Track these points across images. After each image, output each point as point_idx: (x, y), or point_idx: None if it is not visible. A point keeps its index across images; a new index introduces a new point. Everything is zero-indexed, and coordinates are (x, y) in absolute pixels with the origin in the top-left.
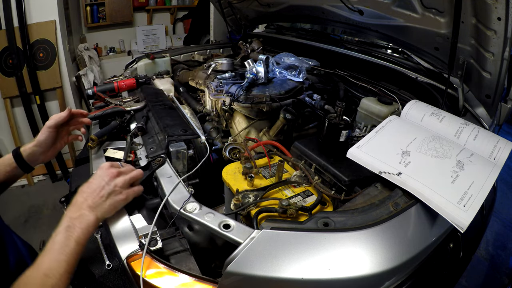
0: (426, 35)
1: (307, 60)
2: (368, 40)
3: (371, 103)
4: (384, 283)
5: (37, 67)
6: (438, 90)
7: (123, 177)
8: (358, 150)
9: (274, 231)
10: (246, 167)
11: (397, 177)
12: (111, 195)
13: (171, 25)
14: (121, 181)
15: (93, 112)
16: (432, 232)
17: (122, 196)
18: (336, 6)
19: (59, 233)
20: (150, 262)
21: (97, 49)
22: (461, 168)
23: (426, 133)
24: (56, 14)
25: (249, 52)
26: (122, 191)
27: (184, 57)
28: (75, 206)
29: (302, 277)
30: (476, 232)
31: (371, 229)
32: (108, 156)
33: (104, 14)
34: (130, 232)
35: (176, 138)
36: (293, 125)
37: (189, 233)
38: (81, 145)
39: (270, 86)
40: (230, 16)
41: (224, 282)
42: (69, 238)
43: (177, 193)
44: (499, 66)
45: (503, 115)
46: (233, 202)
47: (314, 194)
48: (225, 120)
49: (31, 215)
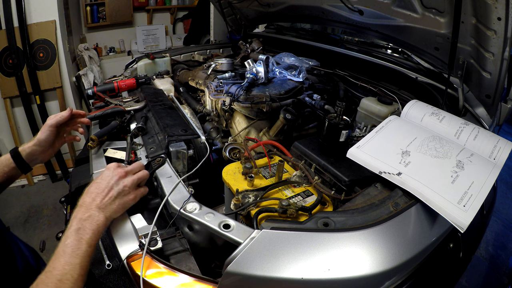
0: (426, 35)
1: (307, 60)
2: (368, 40)
3: (371, 103)
4: (384, 283)
5: (37, 67)
6: (438, 90)
7: (131, 177)
8: (358, 150)
9: (274, 231)
10: (246, 167)
11: (397, 177)
12: (120, 195)
13: (171, 25)
14: (130, 181)
15: (93, 112)
16: (432, 232)
17: (131, 196)
18: (336, 6)
19: (69, 236)
20: (150, 262)
21: (97, 49)
22: (461, 168)
23: (426, 133)
24: (56, 14)
25: (249, 52)
26: (130, 191)
27: (184, 57)
28: (83, 207)
29: (302, 277)
30: (476, 232)
31: (371, 229)
32: (108, 156)
33: (104, 14)
34: (130, 232)
35: (176, 138)
36: (293, 125)
37: (189, 233)
38: (81, 145)
39: (270, 86)
40: (230, 16)
41: (224, 282)
42: (81, 241)
43: (177, 193)
44: (499, 66)
45: (503, 115)
46: (233, 202)
47: (314, 194)
48: (225, 120)
49: (31, 215)
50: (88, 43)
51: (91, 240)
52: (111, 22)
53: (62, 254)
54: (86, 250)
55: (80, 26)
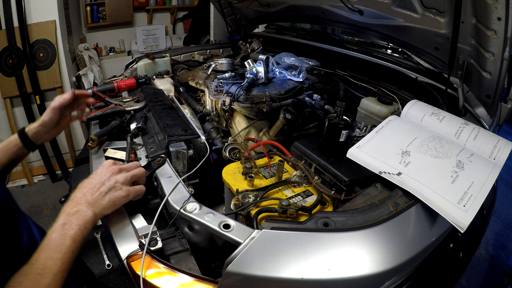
0: (426, 35)
1: (307, 60)
2: (368, 40)
3: (371, 103)
4: (384, 283)
5: (37, 67)
6: (438, 90)
7: (125, 174)
8: (358, 150)
9: (274, 231)
10: (246, 167)
11: (397, 177)
12: (110, 191)
13: (171, 25)
14: (122, 177)
15: (93, 112)
16: (432, 232)
17: (123, 193)
18: (336, 6)
19: (55, 230)
20: (150, 262)
21: (97, 49)
22: (461, 168)
23: (426, 133)
24: (56, 14)
25: (249, 52)
26: (122, 187)
27: (184, 57)
28: (73, 201)
29: (302, 277)
30: (476, 232)
31: (371, 229)
32: (108, 156)
33: (104, 14)
34: (130, 232)
35: (176, 138)
36: (293, 125)
37: (189, 233)
38: (81, 145)
39: (270, 86)
40: (230, 16)
41: (224, 282)
42: (65, 236)
43: (177, 193)
44: (499, 66)
45: (503, 115)
46: (233, 202)
47: (314, 194)
48: (225, 120)
49: (31, 215)
50: (88, 43)
51: (76, 235)
52: (111, 22)
53: (45, 248)
54: (69, 246)
55: (80, 26)
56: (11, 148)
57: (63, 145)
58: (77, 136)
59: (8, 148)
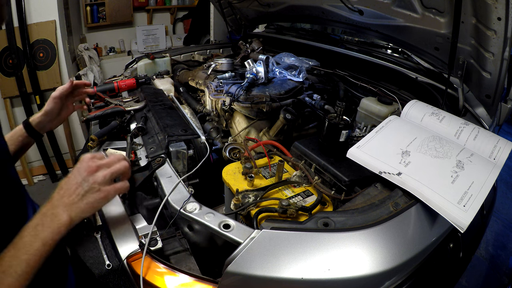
0: (426, 35)
1: (307, 60)
2: (368, 40)
3: (371, 103)
4: (384, 283)
5: (37, 67)
6: (438, 90)
7: (103, 172)
8: (358, 150)
9: (274, 231)
10: (246, 167)
11: (397, 177)
12: (88, 193)
13: (171, 25)
14: (100, 177)
15: (93, 112)
16: (432, 232)
17: (101, 194)
18: (336, 6)
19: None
20: (150, 262)
21: (97, 49)
22: (461, 168)
23: (426, 133)
24: (56, 14)
25: (249, 52)
26: (100, 188)
27: (184, 57)
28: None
29: (302, 277)
30: (476, 232)
31: (371, 229)
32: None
33: (104, 14)
34: (130, 232)
35: (176, 138)
36: (293, 125)
37: (189, 233)
38: (81, 145)
39: (270, 86)
40: (230, 16)
41: (224, 282)
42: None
43: (177, 193)
44: (499, 66)
45: (503, 115)
46: (233, 202)
47: (314, 194)
48: (225, 120)
49: None
50: (88, 43)
51: (47, 239)
52: (111, 22)
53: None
54: (38, 249)
55: (80, 26)
56: (17, 138)
57: (63, 145)
58: (77, 136)
59: (14, 138)
